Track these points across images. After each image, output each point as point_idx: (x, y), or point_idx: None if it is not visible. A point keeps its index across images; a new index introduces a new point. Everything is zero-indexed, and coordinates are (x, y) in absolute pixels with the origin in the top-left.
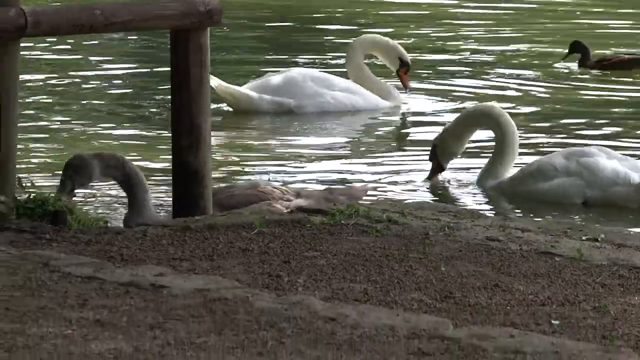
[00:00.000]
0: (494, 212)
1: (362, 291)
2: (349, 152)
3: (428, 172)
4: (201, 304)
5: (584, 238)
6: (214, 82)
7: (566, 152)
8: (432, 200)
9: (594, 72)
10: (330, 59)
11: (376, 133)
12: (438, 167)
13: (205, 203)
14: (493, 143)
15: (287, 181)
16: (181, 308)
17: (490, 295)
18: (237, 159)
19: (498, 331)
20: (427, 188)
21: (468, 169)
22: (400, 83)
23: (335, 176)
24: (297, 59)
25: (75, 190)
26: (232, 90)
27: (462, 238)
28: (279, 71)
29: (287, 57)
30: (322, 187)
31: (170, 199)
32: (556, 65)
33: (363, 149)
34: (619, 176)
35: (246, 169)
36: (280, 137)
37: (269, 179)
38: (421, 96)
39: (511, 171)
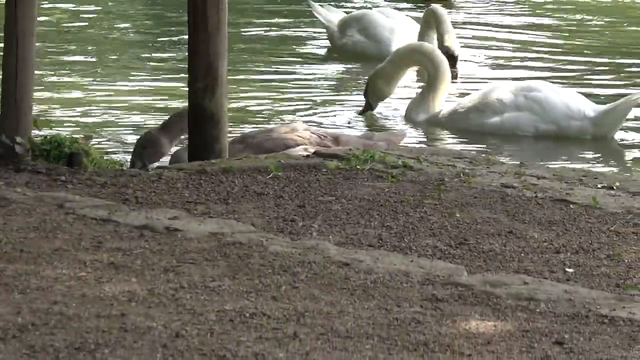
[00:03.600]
0: (429, 145)
1: (377, 236)
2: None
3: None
4: (215, 248)
5: (599, 186)
6: None
7: (511, 86)
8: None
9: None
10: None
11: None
12: (369, 105)
13: (221, 146)
14: None
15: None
16: (195, 251)
17: (505, 242)
18: (250, 102)
19: (512, 278)
20: (362, 122)
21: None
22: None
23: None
24: None
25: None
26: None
27: (477, 184)
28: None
29: None
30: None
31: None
32: None
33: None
34: (573, 110)
35: (263, 113)
36: (294, 82)
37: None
38: None
39: (443, 105)
